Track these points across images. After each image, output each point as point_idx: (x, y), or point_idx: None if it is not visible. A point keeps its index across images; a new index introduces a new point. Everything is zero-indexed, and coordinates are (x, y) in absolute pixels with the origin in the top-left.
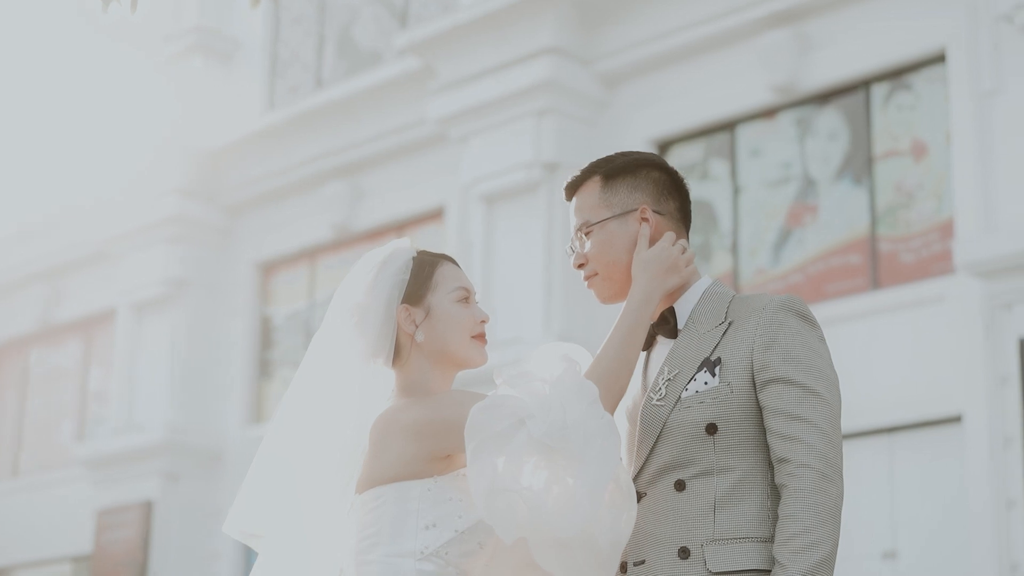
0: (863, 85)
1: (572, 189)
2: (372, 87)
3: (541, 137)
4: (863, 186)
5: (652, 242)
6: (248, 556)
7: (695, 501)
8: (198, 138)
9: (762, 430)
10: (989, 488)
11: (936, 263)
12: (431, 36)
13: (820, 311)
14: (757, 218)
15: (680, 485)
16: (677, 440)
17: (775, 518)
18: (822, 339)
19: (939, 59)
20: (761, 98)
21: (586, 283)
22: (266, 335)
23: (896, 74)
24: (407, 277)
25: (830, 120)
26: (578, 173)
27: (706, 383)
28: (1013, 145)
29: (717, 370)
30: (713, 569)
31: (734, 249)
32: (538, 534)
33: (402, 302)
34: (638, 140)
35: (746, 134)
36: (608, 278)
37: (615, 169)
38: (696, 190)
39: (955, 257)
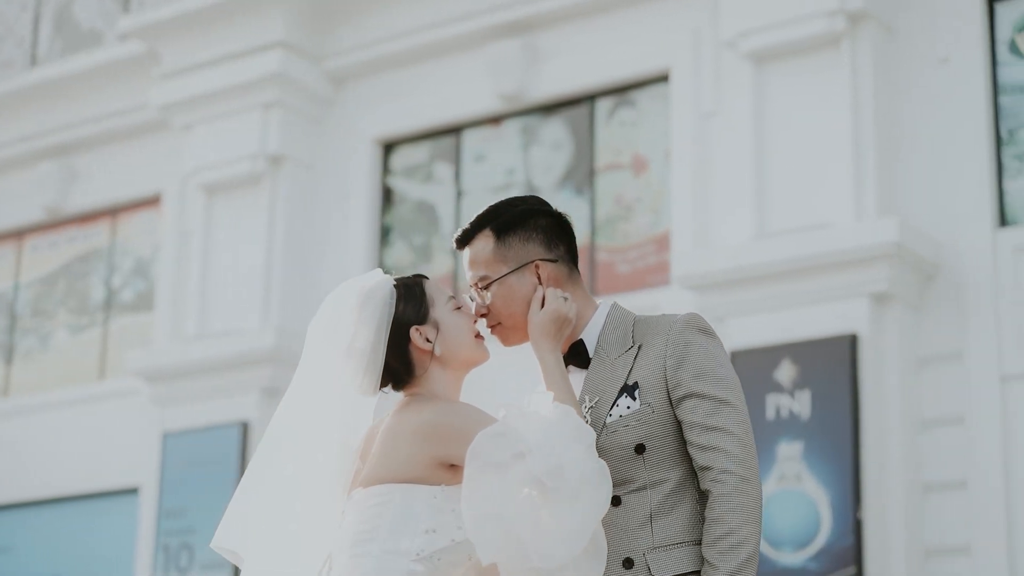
0: (588, 99)
1: (464, 241)
2: (91, 68)
3: (267, 130)
4: (584, 196)
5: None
6: None
7: (632, 514)
8: None
9: (685, 441)
10: None
11: (652, 275)
12: (156, 21)
13: None
14: None
15: (616, 501)
16: (608, 463)
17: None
18: (723, 348)
19: (663, 79)
20: (488, 105)
21: (489, 330)
22: None
23: (621, 90)
24: (392, 308)
25: (555, 131)
26: (468, 226)
27: (628, 407)
28: (729, 166)
29: (636, 393)
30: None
31: (455, 252)
32: (514, 562)
33: (412, 325)
34: (365, 139)
35: (472, 139)
36: (512, 327)
37: (505, 224)
38: (419, 192)
39: (671, 270)
